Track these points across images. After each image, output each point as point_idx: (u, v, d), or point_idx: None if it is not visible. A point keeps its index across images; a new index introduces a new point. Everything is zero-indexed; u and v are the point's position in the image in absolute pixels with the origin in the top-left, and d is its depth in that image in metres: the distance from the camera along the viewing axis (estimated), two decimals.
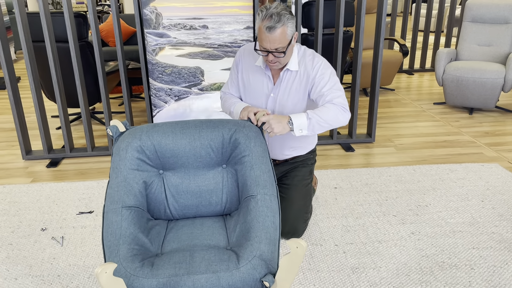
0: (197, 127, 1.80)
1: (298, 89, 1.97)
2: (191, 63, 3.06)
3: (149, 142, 1.75)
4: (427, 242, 2.15)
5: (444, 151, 3.27)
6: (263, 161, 1.75)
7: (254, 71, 2.04)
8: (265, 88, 2.02)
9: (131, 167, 1.72)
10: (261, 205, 1.64)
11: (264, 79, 2.02)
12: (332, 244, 2.14)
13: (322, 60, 1.94)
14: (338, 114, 1.85)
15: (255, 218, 1.61)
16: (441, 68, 4.17)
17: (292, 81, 1.97)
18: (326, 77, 1.90)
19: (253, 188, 1.69)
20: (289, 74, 1.97)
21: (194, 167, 1.81)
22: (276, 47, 1.79)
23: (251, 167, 1.74)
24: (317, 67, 1.92)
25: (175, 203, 1.81)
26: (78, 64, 3.02)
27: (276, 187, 1.72)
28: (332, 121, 1.84)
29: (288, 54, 1.87)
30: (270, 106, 2.04)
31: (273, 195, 1.68)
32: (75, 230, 2.30)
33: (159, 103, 3.13)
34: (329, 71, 1.92)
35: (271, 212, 1.64)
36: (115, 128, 1.78)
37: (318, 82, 1.91)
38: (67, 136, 3.18)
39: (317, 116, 1.82)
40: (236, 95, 2.16)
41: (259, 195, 1.66)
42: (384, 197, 2.59)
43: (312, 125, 1.82)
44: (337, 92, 1.88)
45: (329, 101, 1.87)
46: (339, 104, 1.86)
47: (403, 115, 4.14)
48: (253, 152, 1.76)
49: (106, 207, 1.64)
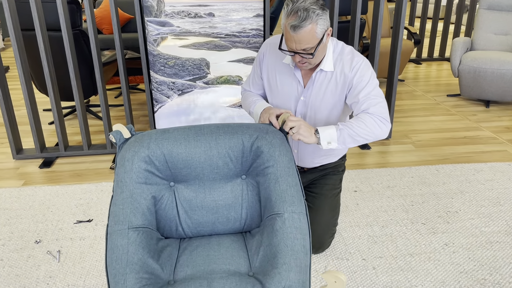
0: (214, 133, 1.57)
1: (334, 92, 1.73)
2: (195, 54, 2.81)
3: (159, 151, 1.52)
4: (464, 255, 1.95)
5: (465, 149, 3.07)
6: (290, 173, 1.53)
7: (282, 70, 1.78)
8: (294, 90, 1.78)
9: (138, 181, 1.49)
10: (288, 226, 1.43)
11: (293, 80, 1.77)
12: (360, 259, 1.94)
13: (362, 60, 1.69)
14: (374, 127, 1.61)
15: (282, 241, 1.40)
16: (457, 59, 3.94)
17: (327, 83, 1.72)
18: (365, 81, 1.66)
19: (278, 205, 1.48)
20: (323, 75, 1.72)
21: (210, 179, 1.58)
22: (303, 47, 1.54)
23: (276, 180, 1.52)
24: (356, 68, 1.67)
25: (188, 220, 1.59)
26: (72, 54, 2.76)
27: (305, 203, 1.51)
28: (367, 134, 1.61)
29: (318, 55, 1.62)
30: (301, 110, 1.80)
31: (302, 213, 1.47)
32: (73, 242, 2.07)
33: (161, 98, 2.89)
34: (369, 73, 1.68)
35: (301, 233, 1.43)
36: (118, 134, 1.55)
37: (356, 86, 1.67)
38: (61, 134, 2.93)
39: (348, 128, 1.59)
40: (257, 93, 1.93)
41: (286, 214, 1.45)
42: (409, 201, 2.38)
43: (343, 137, 1.60)
44: (375, 99, 1.63)
45: (365, 110, 1.63)
46: (377, 114, 1.61)
47: (417, 108, 3.92)
48: (278, 163, 1.54)
49: (110, 228, 1.42)
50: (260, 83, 1.89)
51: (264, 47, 1.83)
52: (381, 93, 1.67)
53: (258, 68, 1.86)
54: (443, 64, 5.52)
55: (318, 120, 1.79)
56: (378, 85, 1.68)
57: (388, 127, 1.63)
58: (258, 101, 1.82)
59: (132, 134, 1.59)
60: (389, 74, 3.14)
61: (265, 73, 1.83)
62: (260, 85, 1.90)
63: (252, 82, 1.92)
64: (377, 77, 4.41)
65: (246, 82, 1.97)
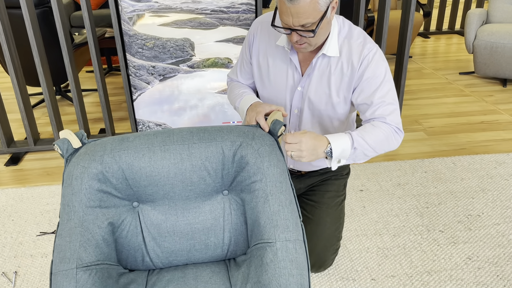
0: (186, 141, 1.24)
1: (339, 83, 1.38)
2: (178, 33, 2.45)
3: (115, 166, 1.20)
4: (491, 272, 1.66)
5: (483, 136, 2.74)
6: (282, 189, 1.22)
7: (275, 54, 1.44)
8: (290, 78, 1.43)
9: (90, 204, 1.18)
10: (282, 259, 1.13)
11: (288, 66, 1.43)
12: (369, 278, 1.64)
13: (376, 49, 1.34)
14: (390, 139, 1.33)
15: (274, 279, 1.11)
16: (472, 33, 3.56)
17: (331, 71, 1.38)
18: (379, 78, 1.32)
19: (269, 231, 1.18)
20: (326, 61, 1.38)
21: (182, 198, 1.27)
22: (302, 23, 1.20)
23: (265, 199, 1.21)
24: (368, 59, 1.32)
25: (157, 249, 1.28)
26: (35, 35, 2.40)
27: (301, 226, 1.20)
28: (380, 148, 1.32)
29: (321, 33, 1.27)
30: (297, 104, 1.46)
31: (298, 240, 1.17)
32: (33, 260, 1.78)
33: (140, 84, 2.54)
34: (384, 67, 1.33)
35: (297, 268, 1.13)
36: (65, 143, 1.23)
37: (367, 84, 1.33)
38: (29, 126, 2.60)
39: (364, 142, 1.29)
40: (246, 84, 1.59)
41: (278, 243, 1.15)
42: (424, 203, 2.08)
43: (355, 155, 1.30)
44: (390, 105, 1.33)
45: (380, 117, 1.32)
46: (393, 124, 1.33)
47: (427, 88, 3.57)
48: (267, 176, 1.22)
49: (54, 267, 1.11)
50: (249, 71, 1.55)
51: (254, 27, 1.48)
52: (395, 95, 1.35)
53: (247, 52, 1.51)
54: (453, 37, 5.12)
55: (318, 117, 1.46)
56: (393, 82, 1.35)
57: (401, 137, 1.37)
58: (245, 95, 1.48)
59: (84, 143, 1.27)
60: (399, 52, 2.78)
61: (255, 57, 1.49)
62: (249, 73, 1.56)
63: (240, 70, 1.58)
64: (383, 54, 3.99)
65: (232, 70, 1.63)
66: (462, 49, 4.63)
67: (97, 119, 3.13)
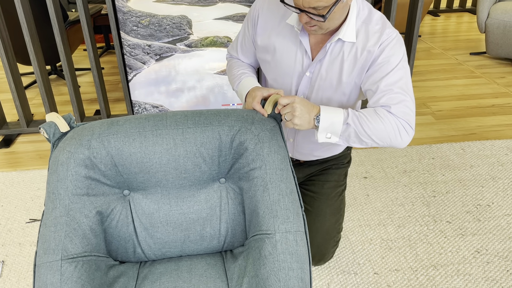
0: (180, 125, 1.15)
1: (350, 72, 1.26)
2: (174, 10, 2.32)
3: (104, 151, 1.11)
4: (500, 267, 1.58)
5: (494, 120, 2.63)
6: (283, 177, 1.14)
7: (283, 33, 1.31)
8: (298, 62, 1.31)
9: (77, 192, 1.09)
10: (281, 251, 1.06)
11: (298, 48, 1.30)
12: (371, 272, 1.57)
13: (395, 35, 1.22)
14: (392, 133, 1.16)
15: (273, 273, 1.03)
16: (485, 11, 3.41)
17: (344, 58, 1.25)
18: (393, 63, 1.19)
19: (268, 221, 1.10)
20: (339, 46, 1.25)
21: (176, 186, 1.18)
22: (313, 5, 1.08)
23: (264, 187, 1.12)
24: (385, 44, 1.20)
25: (149, 239, 1.20)
26: (25, 12, 2.28)
27: (303, 217, 1.12)
28: (378, 138, 1.17)
29: (334, 18, 1.15)
30: (303, 90, 1.34)
31: (299, 232, 1.09)
32: (21, 248, 1.71)
33: (136, 64, 2.43)
34: (401, 54, 1.21)
35: (298, 261, 1.06)
36: (52, 126, 1.14)
37: (379, 68, 1.20)
38: (20, 106, 2.51)
39: (358, 123, 1.15)
40: (247, 62, 1.48)
41: (278, 234, 1.07)
42: (431, 191, 1.99)
43: (347, 134, 1.16)
44: (400, 94, 1.17)
45: (385, 105, 1.17)
46: (400, 117, 1.16)
47: (436, 69, 3.44)
48: (268, 163, 1.14)
49: (38, 259, 1.04)
50: (251, 49, 1.43)
51: (260, 2, 1.35)
52: (410, 86, 1.20)
53: (250, 29, 1.38)
54: (464, 16, 4.94)
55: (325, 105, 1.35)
56: (408, 72, 1.22)
57: (411, 136, 1.19)
58: (244, 77, 1.37)
59: (72, 126, 1.18)
60: (408, 31, 2.65)
61: (259, 37, 1.35)
62: (251, 52, 1.44)
63: (240, 46, 1.45)
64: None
65: (232, 45, 1.50)
66: (473, 28, 4.47)
67: (93, 100, 3.03)
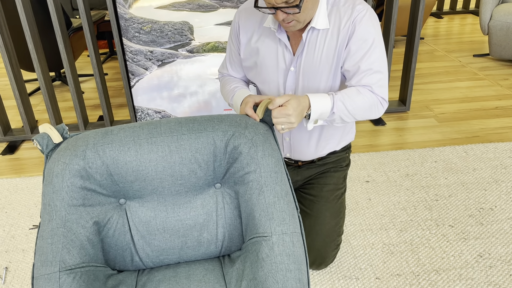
0: (174, 132, 1.16)
1: (332, 56, 1.29)
2: (175, 16, 2.34)
3: (99, 161, 1.12)
4: (504, 271, 1.56)
5: (498, 123, 2.61)
6: (278, 179, 1.14)
7: (263, 37, 1.36)
8: (281, 59, 1.35)
9: (73, 203, 1.10)
10: (278, 253, 1.06)
11: (278, 45, 1.34)
12: (373, 277, 1.56)
13: (366, 10, 1.25)
14: (373, 109, 1.28)
15: (271, 275, 1.03)
16: (487, 13, 3.39)
17: (322, 45, 1.29)
18: (368, 42, 1.24)
19: (264, 224, 1.10)
20: (315, 35, 1.29)
21: (172, 193, 1.19)
22: None
23: (259, 190, 1.13)
24: (358, 20, 1.24)
25: (146, 247, 1.21)
26: (28, 19, 2.31)
27: (299, 218, 1.12)
28: (360, 116, 1.28)
29: (307, 7, 1.19)
30: (291, 85, 1.37)
31: (295, 233, 1.09)
32: (24, 255, 1.72)
33: (138, 70, 2.45)
34: (375, 29, 1.25)
35: (295, 262, 1.06)
36: (45, 138, 1.15)
37: (356, 47, 1.24)
38: (24, 113, 2.53)
39: (344, 108, 1.22)
40: (238, 77, 1.50)
41: (274, 236, 1.08)
42: (433, 195, 1.97)
43: (332, 119, 1.25)
44: (378, 73, 1.25)
45: (367, 85, 1.24)
46: (379, 95, 1.26)
47: (439, 72, 3.42)
48: (262, 166, 1.14)
49: (36, 271, 1.05)
50: (239, 63, 1.47)
51: (237, 16, 1.42)
52: (385, 62, 1.27)
53: (234, 42, 1.44)
54: (467, 17, 4.92)
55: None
56: (383, 50, 1.27)
57: (385, 108, 1.30)
58: (238, 89, 1.40)
59: (65, 137, 1.18)
60: (409, 33, 2.65)
61: (243, 46, 1.41)
62: (240, 65, 1.48)
63: (229, 62, 1.50)
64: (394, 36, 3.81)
65: (222, 65, 1.56)
66: (477, 30, 4.44)
67: (97, 106, 3.05)
